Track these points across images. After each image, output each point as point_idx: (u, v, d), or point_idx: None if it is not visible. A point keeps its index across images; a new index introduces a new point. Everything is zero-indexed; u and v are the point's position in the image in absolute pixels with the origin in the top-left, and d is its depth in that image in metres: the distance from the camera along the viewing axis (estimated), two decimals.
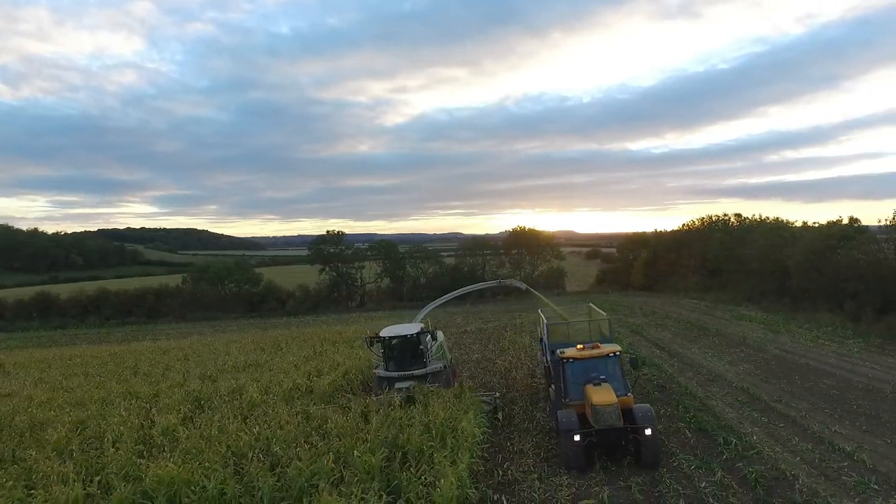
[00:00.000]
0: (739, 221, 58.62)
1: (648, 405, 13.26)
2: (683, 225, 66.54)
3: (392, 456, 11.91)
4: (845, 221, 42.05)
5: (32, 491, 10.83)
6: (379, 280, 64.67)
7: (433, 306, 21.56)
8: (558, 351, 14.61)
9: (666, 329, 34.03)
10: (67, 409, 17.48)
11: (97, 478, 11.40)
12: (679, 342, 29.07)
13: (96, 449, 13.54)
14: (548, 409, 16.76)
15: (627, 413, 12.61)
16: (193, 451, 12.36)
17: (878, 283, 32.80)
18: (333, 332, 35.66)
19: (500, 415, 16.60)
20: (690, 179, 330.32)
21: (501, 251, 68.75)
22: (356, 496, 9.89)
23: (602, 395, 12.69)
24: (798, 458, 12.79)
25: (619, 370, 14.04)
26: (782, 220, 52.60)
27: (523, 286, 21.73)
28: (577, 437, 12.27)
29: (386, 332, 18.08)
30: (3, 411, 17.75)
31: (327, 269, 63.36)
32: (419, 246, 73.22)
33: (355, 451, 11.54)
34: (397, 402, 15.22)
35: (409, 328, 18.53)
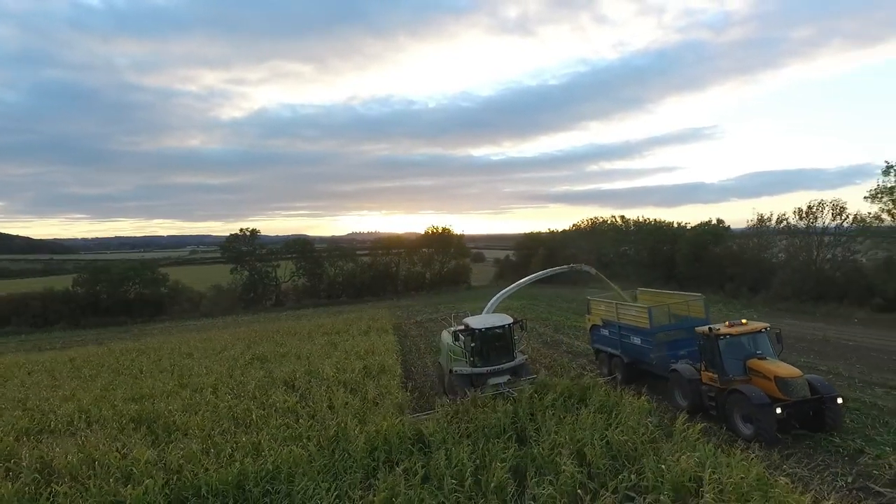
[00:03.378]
0: (624, 222, 67.73)
1: (818, 375, 13.48)
2: (573, 225, 75.09)
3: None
4: (714, 222, 51.86)
5: None
6: (296, 279, 63.75)
7: (507, 294, 20.20)
8: (708, 328, 14.25)
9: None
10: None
11: None
12: None
13: None
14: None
15: None
16: None
17: (747, 268, 41.37)
18: (284, 329, 35.57)
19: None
20: (525, 185, 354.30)
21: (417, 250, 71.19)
22: None
23: (786, 369, 12.81)
24: None
25: (769, 345, 13.96)
26: (662, 222, 61.81)
27: (593, 271, 21.06)
28: (779, 410, 11.96)
29: (477, 324, 16.30)
30: None
31: (238, 268, 61.19)
32: (336, 245, 73.12)
33: None
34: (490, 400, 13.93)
35: (501, 318, 16.82)
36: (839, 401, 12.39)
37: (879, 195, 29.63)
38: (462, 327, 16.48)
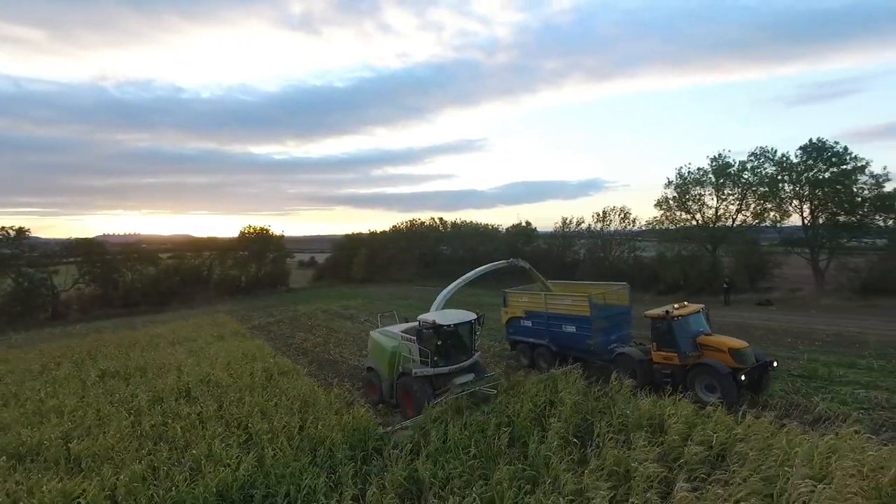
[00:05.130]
0: (442, 223, 72.85)
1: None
2: (393, 226, 78.01)
3: None
4: (523, 224, 59.60)
5: None
6: (82, 286, 53.64)
7: (453, 290, 18.88)
8: (664, 311, 14.98)
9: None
10: None
11: None
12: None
13: None
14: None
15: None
16: None
17: (554, 264, 48.78)
18: (110, 341, 30.44)
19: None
20: (310, 187, 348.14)
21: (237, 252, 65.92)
22: None
23: (736, 342, 14.36)
24: None
25: (705, 323, 15.35)
26: (479, 223, 68.19)
27: (527, 265, 20.55)
28: (743, 378, 13.37)
29: (444, 320, 15.01)
30: None
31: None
32: (134, 246, 63.14)
33: None
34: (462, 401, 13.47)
35: (464, 314, 15.74)
36: (774, 364, 14.54)
37: (660, 204, 38.07)
38: (426, 324, 14.88)
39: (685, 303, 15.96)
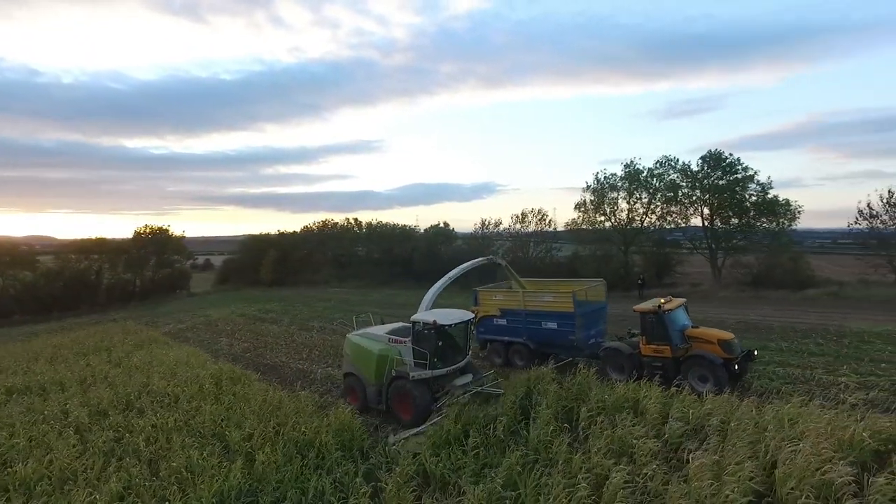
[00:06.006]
0: (357, 224, 71.69)
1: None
2: (304, 227, 75.59)
3: None
4: (442, 226, 60.45)
5: None
6: None
7: (440, 288, 17.79)
8: (657, 305, 15.40)
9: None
10: None
11: None
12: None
13: None
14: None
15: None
16: None
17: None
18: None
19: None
20: (193, 185, 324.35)
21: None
22: None
23: (724, 333, 15.02)
24: None
25: (687, 316, 16.04)
26: (396, 225, 67.93)
27: (504, 262, 20.25)
28: (737, 367, 14.18)
29: (445, 320, 14.43)
30: None
31: None
32: (6, 248, 55.26)
33: None
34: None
35: (462, 313, 15.36)
36: (755, 353, 15.67)
37: (579, 206, 40.70)
38: (427, 324, 14.22)
39: (670, 297, 16.33)
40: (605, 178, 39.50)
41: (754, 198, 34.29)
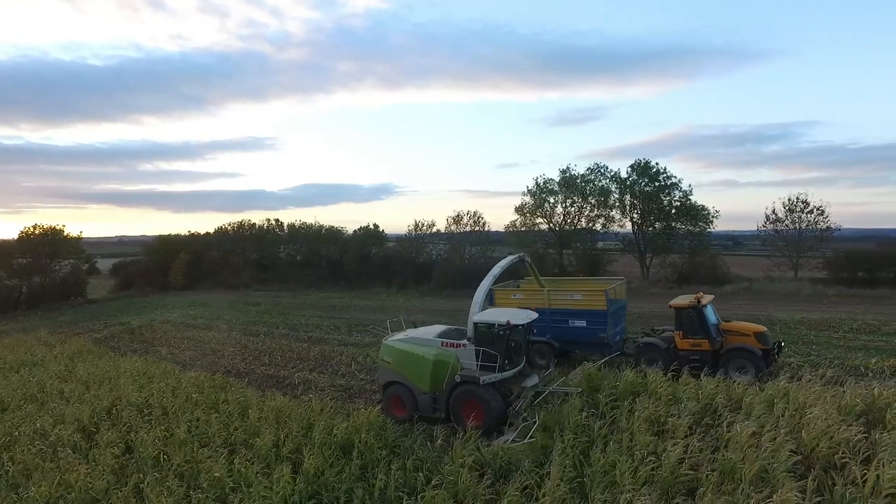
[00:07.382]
0: (280, 226, 68.83)
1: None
2: (218, 228, 71.37)
3: None
4: (371, 228, 59.91)
5: None
6: None
7: (487, 288, 15.99)
8: (695, 300, 15.87)
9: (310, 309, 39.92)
10: None
11: None
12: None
13: None
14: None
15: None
16: None
17: (411, 265, 50.51)
18: None
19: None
20: (54, 181, 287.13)
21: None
22: None
23: (758, 327, 15.96)
24: None
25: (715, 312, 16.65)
26: (323, 225, 66.15)
27: (529, 259, 18.58)
28: (776, 357, 15.39)
29: (517, 319, 13.74)
30: None
31: None
32: None
33: None
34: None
35: (528, 313, 14.70)
36: (782, 344, 16.56)
37: (519, 209, 42.50)
38: (500, 325, 13.49)
39: (702, 293, 16.59)
40: (543, 182, 41.73)
41: (678, 203, 38.10)
